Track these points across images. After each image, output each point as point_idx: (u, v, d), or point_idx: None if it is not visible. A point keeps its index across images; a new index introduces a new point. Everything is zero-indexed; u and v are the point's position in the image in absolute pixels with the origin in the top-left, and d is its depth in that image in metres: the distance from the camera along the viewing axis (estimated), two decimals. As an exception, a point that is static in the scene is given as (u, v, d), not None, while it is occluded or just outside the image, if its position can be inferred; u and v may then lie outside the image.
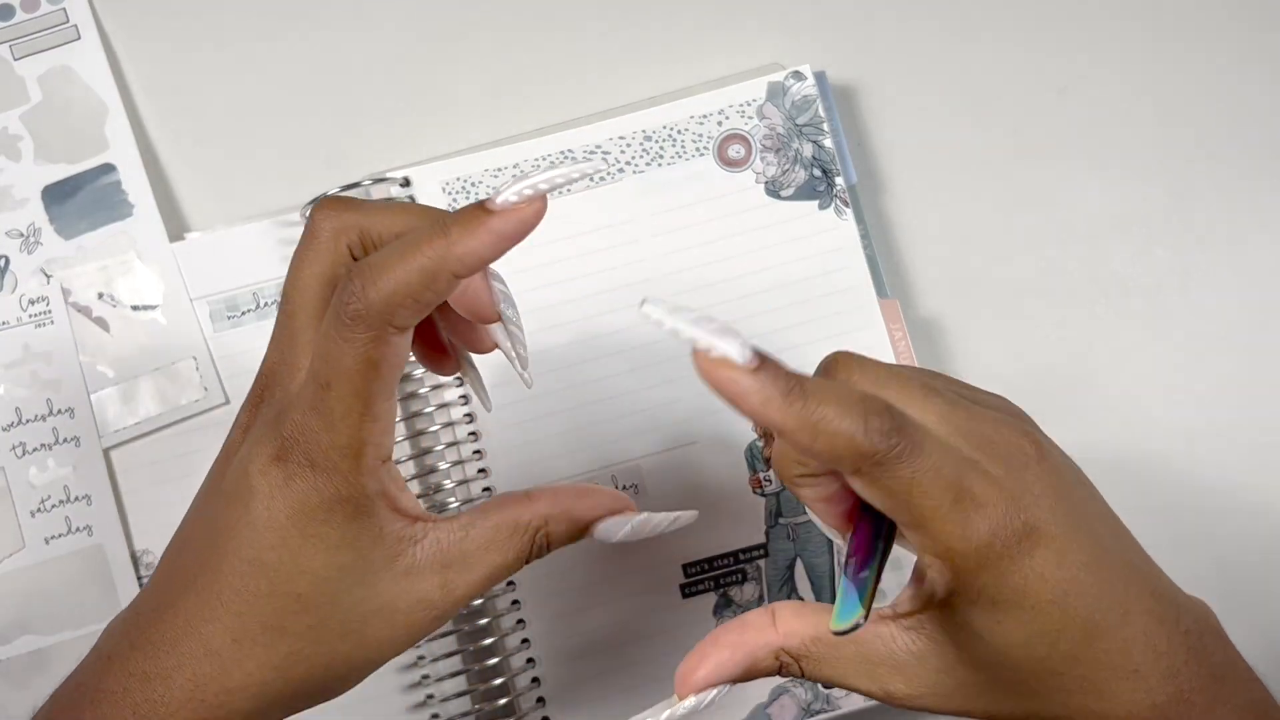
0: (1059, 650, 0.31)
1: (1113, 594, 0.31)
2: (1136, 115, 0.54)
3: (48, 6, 0.53)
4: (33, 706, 0.34)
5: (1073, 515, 0.31)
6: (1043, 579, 0.30)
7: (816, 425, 0.28)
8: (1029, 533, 0.30)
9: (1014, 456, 0.31)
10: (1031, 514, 0.30)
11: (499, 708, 0.48)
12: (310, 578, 0.32)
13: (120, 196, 0.52)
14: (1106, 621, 0.30)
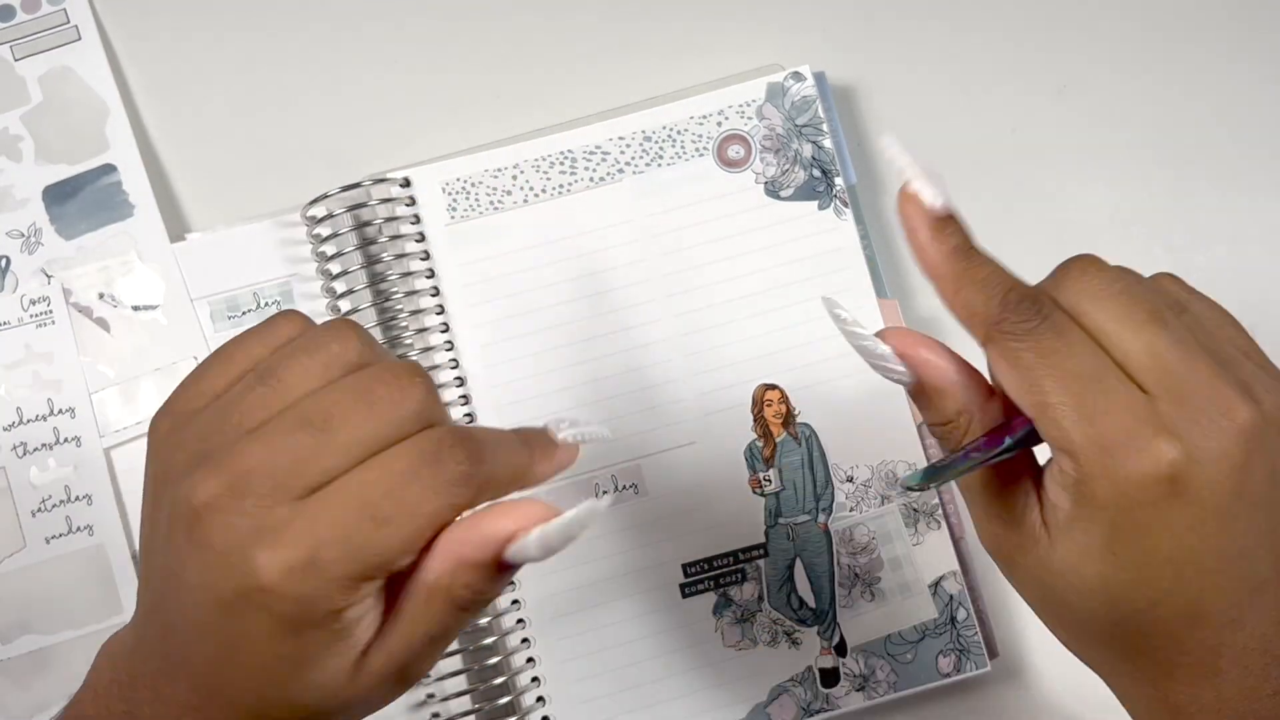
0: (1157, 613, 0.30)
1: (1235, 594, 0.30)
2: (1136, 115, 0.54)
3: (48, 7, 0.53)
4: (35, 706, 0.34)
5: (1242, 503, 0.29)
6: (1172, 534, 0.29)
7: (962, 279, 0.32)
8: (1176, 483, 0.29)
9: (1210, 415, 0.29)
10: (1190, 469, 0.29)
11: (499, 708, 0.48)
12: (276, 689, 0.30)
13: (121, 197, 0.52)
14: (1215, 617, 0.30)
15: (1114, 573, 0.30)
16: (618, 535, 0.49)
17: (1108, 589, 0.31)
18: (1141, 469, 0.29)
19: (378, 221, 0.50)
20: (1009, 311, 0.30)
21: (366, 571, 0.29)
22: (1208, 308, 0.33)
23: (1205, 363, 0.30)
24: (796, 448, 0.49)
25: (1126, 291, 0.31)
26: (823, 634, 0.49)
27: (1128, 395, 0.29)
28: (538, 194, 0.51)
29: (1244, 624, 0.30)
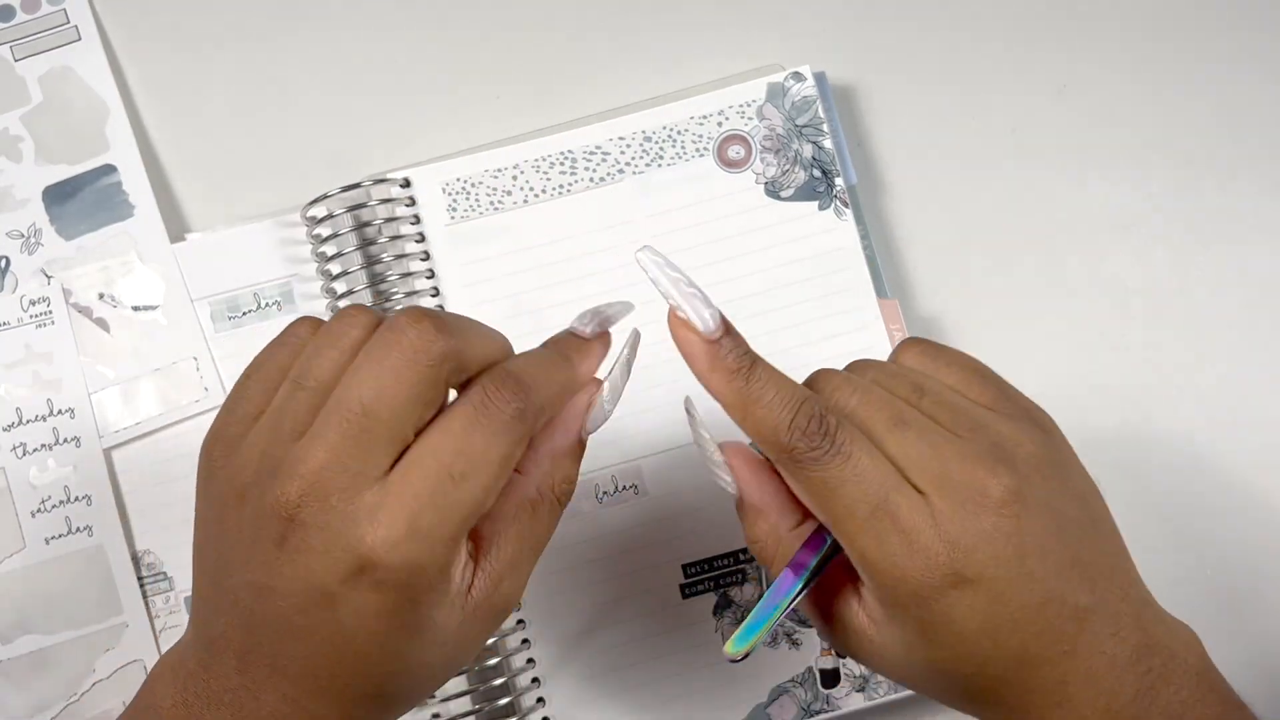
0: (987, 672, 0.32)
1: (1059, 632, 0.32)
2: (1136, 115, 0.54)
3: (48, 7, 0.53)
4: (34, 706, 0.34)
5: (1029, 559, 0.32)
6: (972, 613, 0.32)
7: (748, 406, 0.33)
8: (958, 576, 0.31)
9: (970, 498, 0.32)
10: (967, 559, 0.31)
11: (499, 708, 0.48)
12: (399, 659, 0.31)
13: (121, 197, 0.52)
14: (1044, 655, 0.32)
15: (936, 654, 0.33)
16: (618, 535, 0.49)
17: (936, 667, 0.33)
18: (929, 572, 0.31)
19: (378, 222, 0.50)
20: (797, 439, 0.32)
21: (464, 524, 0.31)
22: (950, 372, 0.35)
23: (951, 448, 0.32)
24: (797, 448, 0.49)
25: (865, 401, 0.33)
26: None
27: (908, 505, 0.32)
28: (538, 194, 0.51)
29: (1078, 651, 0.32)
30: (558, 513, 0.34)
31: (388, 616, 0.30)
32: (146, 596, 0.49)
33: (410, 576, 0.30)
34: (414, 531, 0.30)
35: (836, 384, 0.34)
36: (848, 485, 0.32)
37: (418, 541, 0.30)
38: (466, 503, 0.31)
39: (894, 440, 0.33)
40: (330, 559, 0.30)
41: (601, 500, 0.49)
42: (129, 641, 0.49)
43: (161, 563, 0.49)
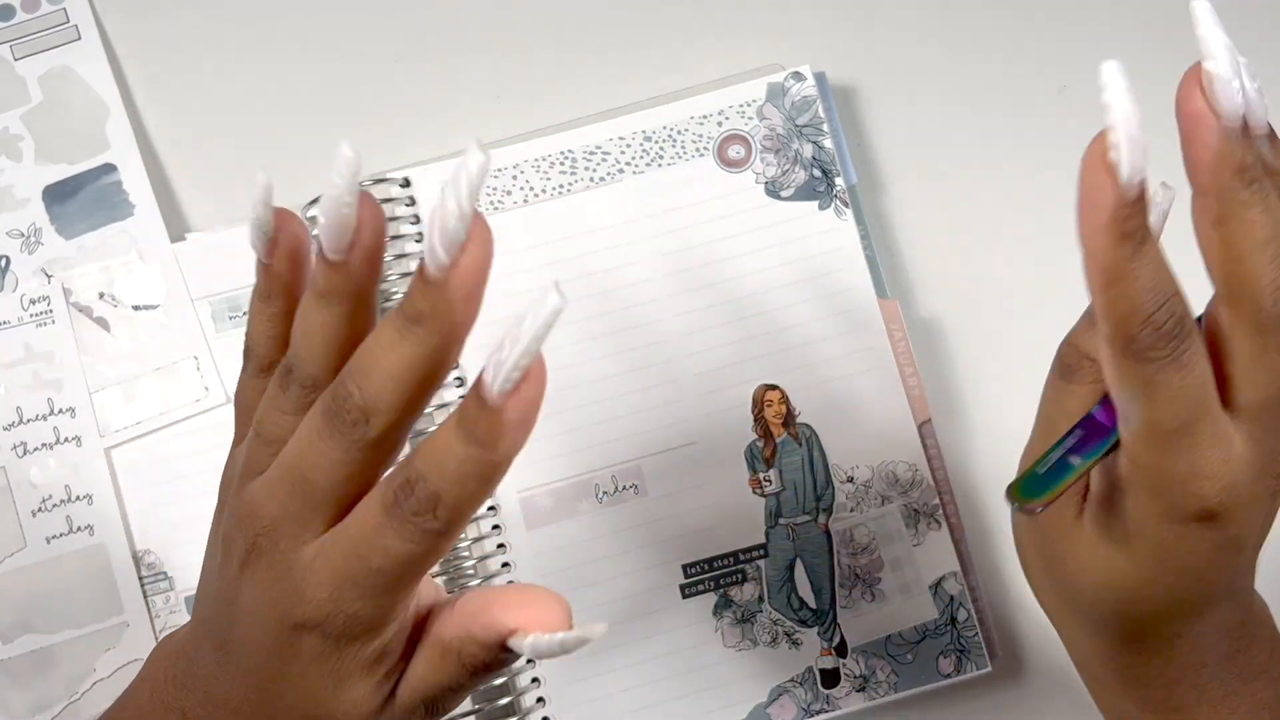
0: (1154, 607, 0.32)
1: (1214, 596, 0.32)
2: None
3: (48, 6, 0.53)
4: (35, 705, 0.35)
5: (1254, 538, 0.31)
6: (1191, 551, 0.30)
7: (1120, 279, 0.28)
8: (1210, 516, 0.29)
9: (1266, 466, 0.30)
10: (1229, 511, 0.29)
11: (499, 708, 0.48)
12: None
13: (121, 196, 0.52)
14: (1202, 605, 0.32)
15: (1125, 566, 0.31)
16: (618, 535, 0.49)
17: (1110, 576, 0.32)
18: (1189, 506, 0.29)
19: (378, 221, 0.50)
20: (1147, 333, 0.28)
21: (381, 595, 0.29)
22: None
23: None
24: (797, 448, 0.50)
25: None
26: (823, 634, 0.49)
27: (1213, 433, 0.29)
28: (538, 194, 0.51)
29: (1208, 615, 0.32)
30: (468, 675, 0.31)
31: (317, 660, 0.30)
32: (147, 596, 0.49)
33: (344, 627, 0.29)
34: (337, 597, 0.29)
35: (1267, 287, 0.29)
36: (1167, 394, 0.28)
37: (349, 596, 0.29)
38: (380, 588, 0.29)
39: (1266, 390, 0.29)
40: (279, 599, 0.30)
41: (601, 500, 0.49)
42: (130, 641, 0.49)
43: (162, 562, 0.49)
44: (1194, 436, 0.29)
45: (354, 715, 0.31)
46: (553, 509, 0.49)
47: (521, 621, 0.30)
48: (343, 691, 0.31)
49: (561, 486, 0.49)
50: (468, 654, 0.31)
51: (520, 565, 0.49)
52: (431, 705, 0.32)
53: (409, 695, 0.31)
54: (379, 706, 0.31)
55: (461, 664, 0.31)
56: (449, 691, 0.32)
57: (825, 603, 0.49)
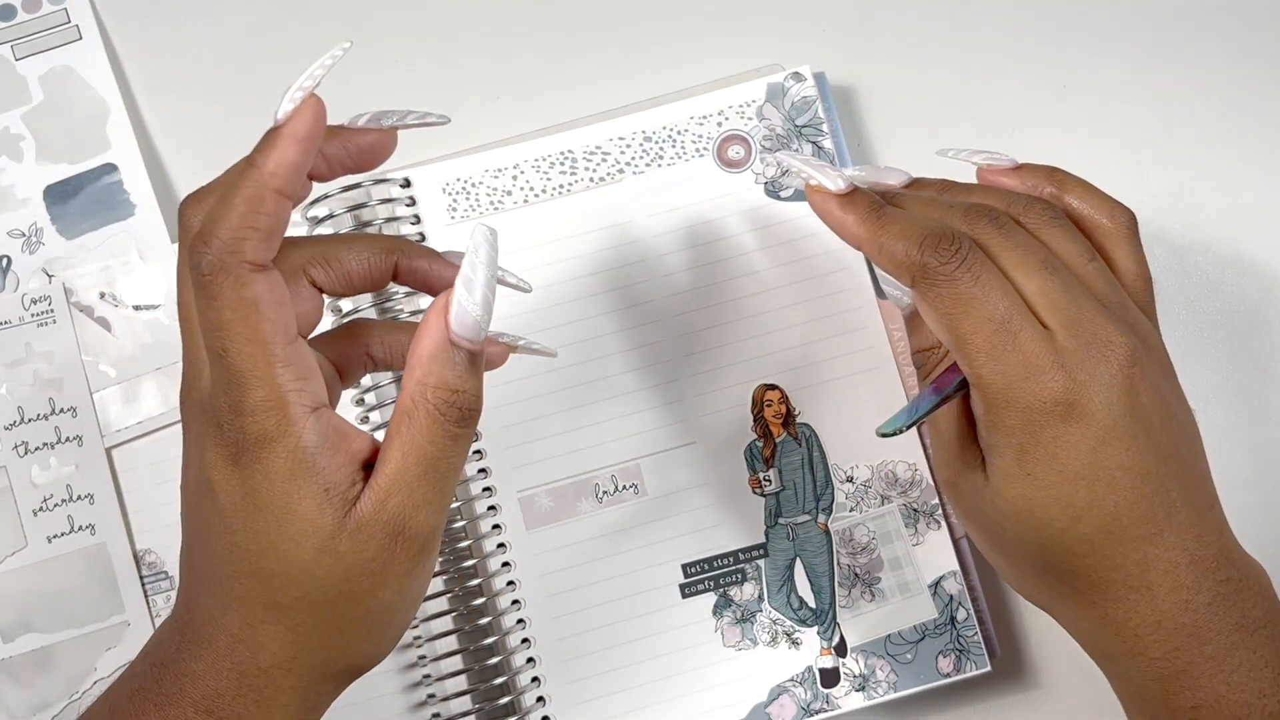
0: (1079, 530, 0.33)
1: (1149, 510, 0.33)
2: (1136, 115, 0.54)
3: (49, 6, 0.53)
4: (36, 705, 0.35)
5: (1137, 423, 0.33)
6: (1075, 450, 0.33)
7: (882, 237, 0.35)
8: (1071, 406, 0.33)
9: (1096, 346, 0.33)
10: (1083, 393, 0.33)
11: (499, 708, 0.48)
12: (274, 552, 0.32)
13: (122, 196, 0.52)
14: (1133, 531, 0.33)
15: (1032, 492, 0.34)
16: (618, 535, 0.49)
17: (1030, 509, 0.34)
18: (1040, 396, 0.33)
19: (378, 222, 0.50)
20: (929, 255, 0.34)
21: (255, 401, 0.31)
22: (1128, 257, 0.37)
23: (1090, 303, 0.34)
24: (796, 448, 0.50)
25: (1023, 244, 0.35)
26: (823, 634, 0.49)
27: (1030, 333, 0.33)
28: (538, 194, 0.51)
29: (1163, 538, 0.33)
30: (441, 424, 0.32)
31: (253, 493, 0.31)
32: (148, 595, 0.49)
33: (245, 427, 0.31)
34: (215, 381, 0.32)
35: (997, 220, 0.35)
36: (975, 303, 0.33)
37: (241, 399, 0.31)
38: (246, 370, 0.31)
39: (1037, 279, 0.34)
40: (205, 440, 0.32)
41: (601, 500, 0.49)
42: (130, 640, 0.49)
43: (162, 562, 0.50)
44: (1014, 334, 0.33)
45: (308, 551, 0.32)
46: (553, 509, 0.49)
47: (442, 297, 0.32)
48: (288, 524, 0.32)
49: (561, 486, 0.49)
50: (432, 387, 0.32)
51: (520, 565, 0.49)
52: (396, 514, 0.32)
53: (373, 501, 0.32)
54: (333, 531, 0.32)
55: (431, 408, 0.32)
56: (422, 475, 0.32)
57: (825, 602, 0.49)
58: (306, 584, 0.32)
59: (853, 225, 0.36)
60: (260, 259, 0.31)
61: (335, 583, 0.32)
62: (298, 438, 0.31)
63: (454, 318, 0.32)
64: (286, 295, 0.32)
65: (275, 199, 0.32)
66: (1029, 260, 0.34)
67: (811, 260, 0.50)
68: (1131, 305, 0.36)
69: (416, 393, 0.32)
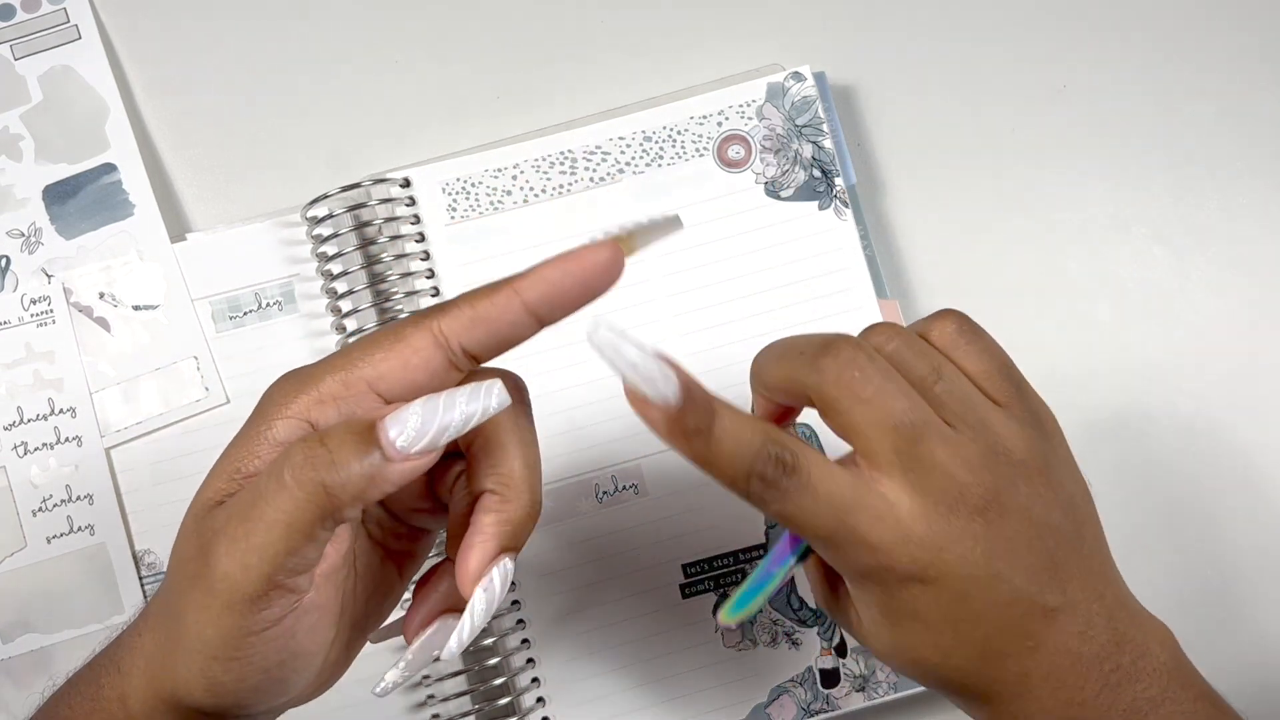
0: (951, 662, 0.34)
1: (1024, 629, 0.33)
2: (1136, 115, 0.54)
3: (48, 6, 0.53)
4: (36, 705, 0.35)
5: (1000, 559, 0.33)
6: (934, 606, 0.33)
7: (711, 461, 0.33)
8: (922, 574, 0.32)
9: (945, 502, 0.33)
10: (935, 559, 0.32)
11: (499, 708, 0.48)
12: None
13: (121, 196, 0.52)
14: (1008, 649, 0.33)
15: (901, 638, 0.34)
16: (618, 535, 0.49)
17: (902, 651, 0.34)
18: (892, 571, 0.33)
19: (378, 221, 0.50)
20: (756, 486, 0.33)
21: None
22: (975, 359, 0.36)
23: (946, 448, 0.33)
24: (796, 448, 0.49)
25: (879, 392, 0.33)
26: (823, 634, 0.49)
27: (876, 509, 0.33)
28: (538, 194, 0.51)
29: (1043, 648, 0.33)
30: (294, 496, 0.29)
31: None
32: (147, 596, 0.49)
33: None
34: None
35: (852, 365, 0.34)
36: (807, 511, 0.33)
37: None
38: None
39: (879, 436, 0.33)
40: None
41: (601, 500, 0.49)
42: (130, 641, 0.49)
43: (162, 562, 0.49)
44: (853, 528, 0.32)
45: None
46: (553, 509, 0.49)
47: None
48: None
49: (561, 486, 0.49)
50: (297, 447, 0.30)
51: (520, 565, 0.49)
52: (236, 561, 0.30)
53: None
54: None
55: (290, 470, 0.29)
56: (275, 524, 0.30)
57: (825, 603, 0.49)
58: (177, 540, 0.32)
59: (681, 445, 0.32)
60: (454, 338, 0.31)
61: (178, 548, 0.31)
62: (272, 422, 0.31)
63: (390, 418, 0.30)
64: (424, 368, 0.31)
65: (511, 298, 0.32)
66: (883, 418, 0.33)
67: (811, 260, 0.50)
68: (990, 412, 0.34)
69: (309, 442, 0.29)
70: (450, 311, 0.31)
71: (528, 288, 0.31)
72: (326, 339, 0.50)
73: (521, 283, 0.31)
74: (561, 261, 0.31)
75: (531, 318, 0.32)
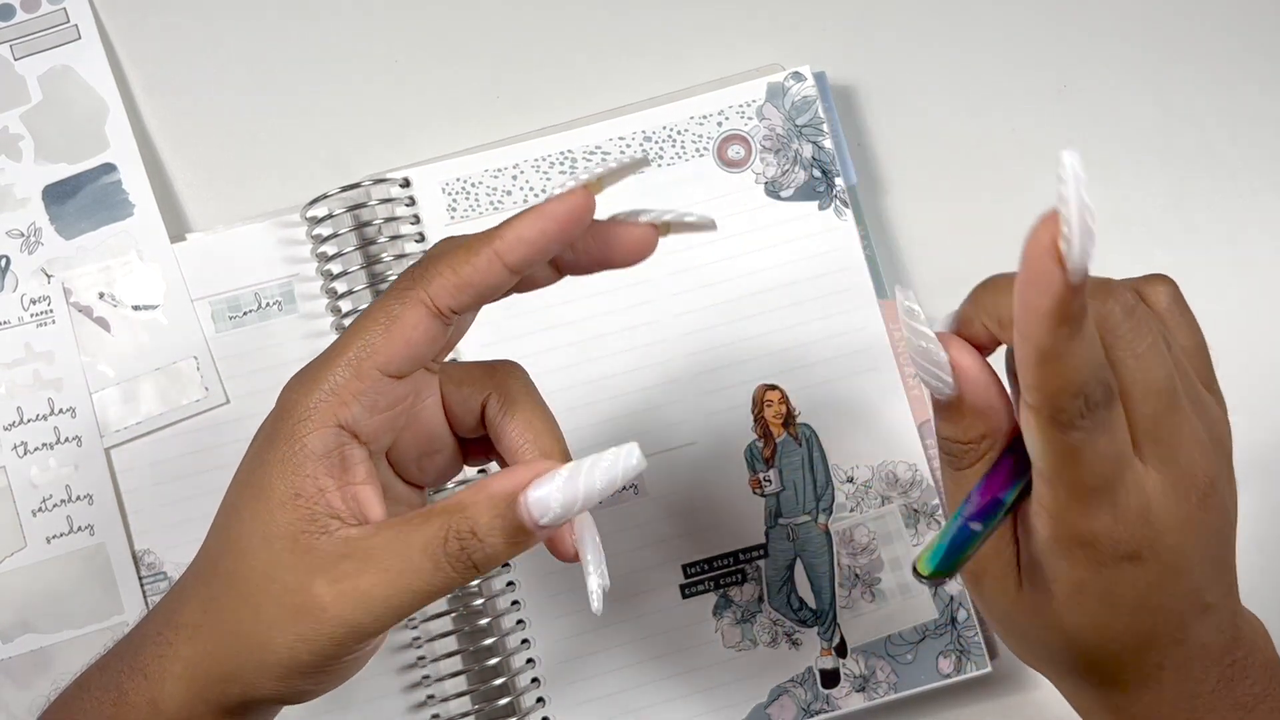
0: (1108, 648, 0.33)
1: (1181, 620, 0.32)
2: (1136, 115, 0.54)
3: (48, 6, 0.53)
4: (35, 705, 0.35)
5: (1194, 552, 0.32)
6: (1132, 588, 0.32)
7: (1057, 358, 0.29)
8: (1139, 553, 0.31)
9: (1182, 482, 0.31)
10: (1155, 540, 0.31)
11: (499, 708, 0.48)
12: (236, 510, 0.33)
13: (121, 196, 0.52)
14: (1159, 639, 0.33)
15: (1069, 615, 0.33)
16: (618, 535, 0.49)
17: (1061, 625, 0.33)
18: (1116, 544, 0.31)
19: (378, 221, 0.50)
20: (1077, 407, 0.29)
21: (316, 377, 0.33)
22: (1186, 333, 0.34)
23: (1187, 427, 0.31)
24: (797, 448, 0.50)
25: (1151, 350, 0.31)
26: (823, 635, 0.49)
27: (1131, 481, 0.31)
28: (538, 194, 0.51)
29: (1186, 641, 0.33)
30: (451, 566, 0.31)
31: (256, 445, 0.33)
32: (147, 596, 0.49)
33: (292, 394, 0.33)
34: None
35: (1133, 314, 0.31)
36: (1092, 458, 0.30)
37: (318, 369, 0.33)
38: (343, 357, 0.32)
39: (1152, 405, 0.31)
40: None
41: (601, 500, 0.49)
42: (130, 641, 0.49)
43: (162, 562, 0.49)
44: (1114, 491, 0.31)
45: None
46: (553, 509, 0.49)
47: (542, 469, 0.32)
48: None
49: (561, 486, 0.49)
50: (466, 523, 0.31)
51: (520, 565, 0.49)
52: (350, 601, 0.31)
53: (343, 577, 0.31)
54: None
55: (449, 532, 0.31)
56: (407, 575, 0.31)
57: (825, 603, 0.49)
58: (240, 561, 0.32)
59: (1049, 326, 0.28)
60: (444, 304, 0.32)
61: (261, 585, 0.32)
62: (304, 431, 0.32)
63: (533, 499, 0.31)
64: (425, 339, 0.32)
65: (493, 261, 0.32)
66: (1152, 378, 0.31)
67: (811, 260, 0.50)
68: (1202, 391, 0.33)
69: (456, 522, 0.31)
70: (435, 279, 0.32)
71: (508, 251, 0.32)
72: (326, 339, 0.50)
73: (501, 245, 0.32)
74: (537, 218, 0.32)
75: (512, 274, 0.33)
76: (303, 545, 0.31)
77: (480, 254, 0.32)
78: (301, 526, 0.31)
